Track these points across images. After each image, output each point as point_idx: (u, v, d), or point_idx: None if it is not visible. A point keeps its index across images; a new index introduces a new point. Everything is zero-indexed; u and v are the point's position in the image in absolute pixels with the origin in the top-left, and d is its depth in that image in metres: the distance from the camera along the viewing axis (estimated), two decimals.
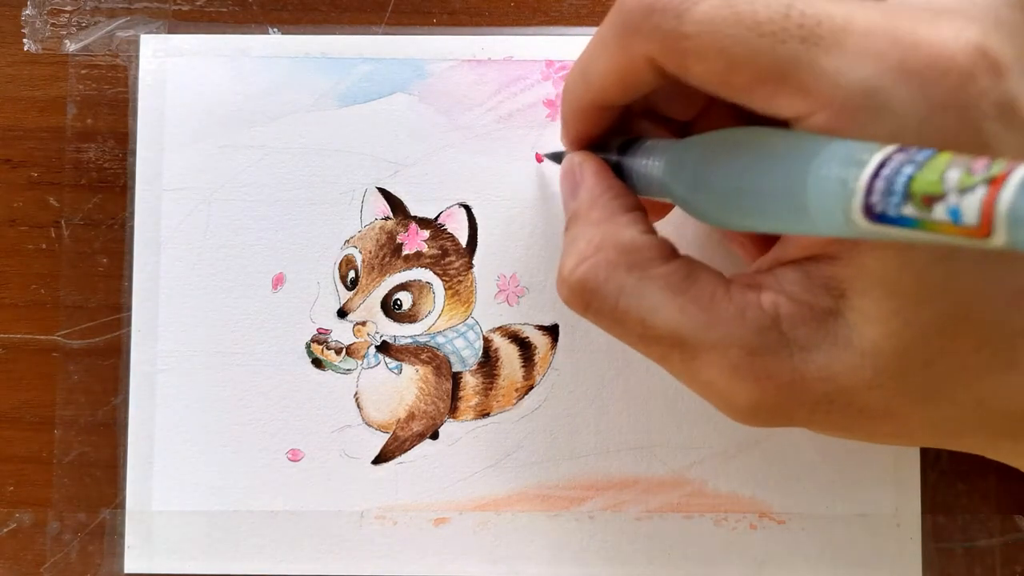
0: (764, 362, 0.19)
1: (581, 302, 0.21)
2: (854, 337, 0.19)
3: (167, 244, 0.29)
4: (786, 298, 0.19)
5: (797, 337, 0.19)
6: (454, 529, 0.29)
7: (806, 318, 0.19)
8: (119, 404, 0.29)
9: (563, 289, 0.21)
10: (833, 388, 0.19)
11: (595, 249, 0.21)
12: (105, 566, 0.29)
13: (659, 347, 0.20)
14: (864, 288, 0.18)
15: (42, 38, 0.30)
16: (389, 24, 0.30)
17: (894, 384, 0.19)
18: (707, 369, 0.20)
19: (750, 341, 0.19)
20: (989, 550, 0.29)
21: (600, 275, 0.21)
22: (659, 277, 0.20)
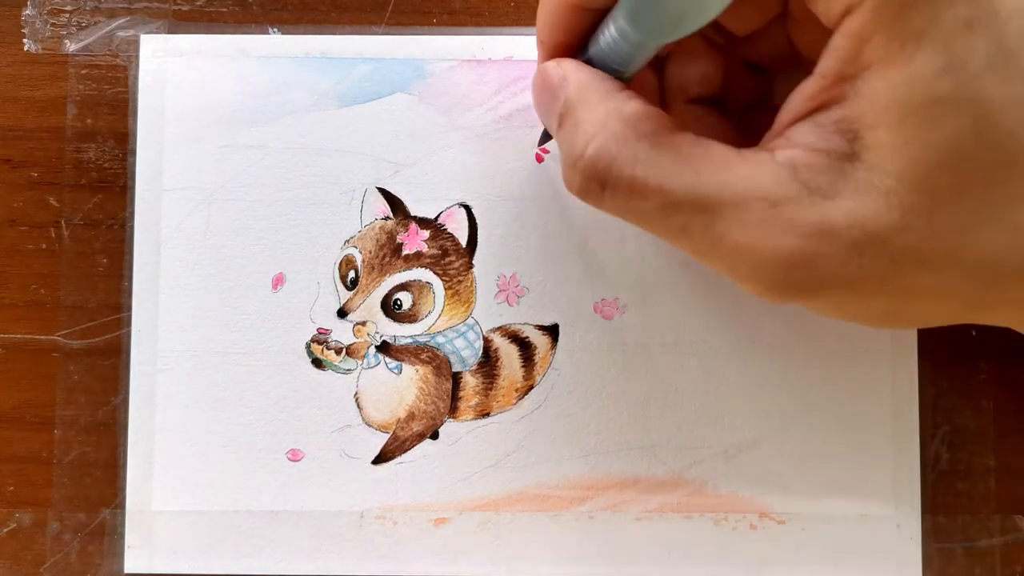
0: (790, 212, 0.18)
1: (597, 182, 0.20)
2: (875, 178, 0.18)
3: (167, 244, 0.29)
4: (801, 150, 0.19)
5: (818, 185, 0.18)
6: (454, 529, 0.29)
7: (824, 166, 0.18)
8: (119, 404, 0.29)
9: (575, 177, 0.21)
10: (862, 235, 0.18)
11: (601, 125, 0.20)
12: (105, 566, 0.29)
13: (679, 215, 0.20)
14: (876, 119, 0.18)
15: (42, 38, 0.30)
16: (389, 24, 0.30)
17: (924, 223, 0.18)
18: (731, 230, 0.19)
19: (771, 192, 0.19)
20: (989, 550, 0.29)
21: (612, 148, 0.20)
22: (671, 144, 0.20)
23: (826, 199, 0.18)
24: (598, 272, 0.29)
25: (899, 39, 0.17)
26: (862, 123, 0.18)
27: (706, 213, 0.19)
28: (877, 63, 0.17)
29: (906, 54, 0.17)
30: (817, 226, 0.18)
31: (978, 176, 0.18)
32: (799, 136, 0.19)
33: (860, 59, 0.18)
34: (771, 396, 0.29)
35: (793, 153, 0.19)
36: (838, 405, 0.29)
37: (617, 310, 0.29)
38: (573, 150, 0.21)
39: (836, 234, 0.18)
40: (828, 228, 0.18)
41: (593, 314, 0.29)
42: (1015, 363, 0.29)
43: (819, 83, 0.19)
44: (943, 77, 0.17)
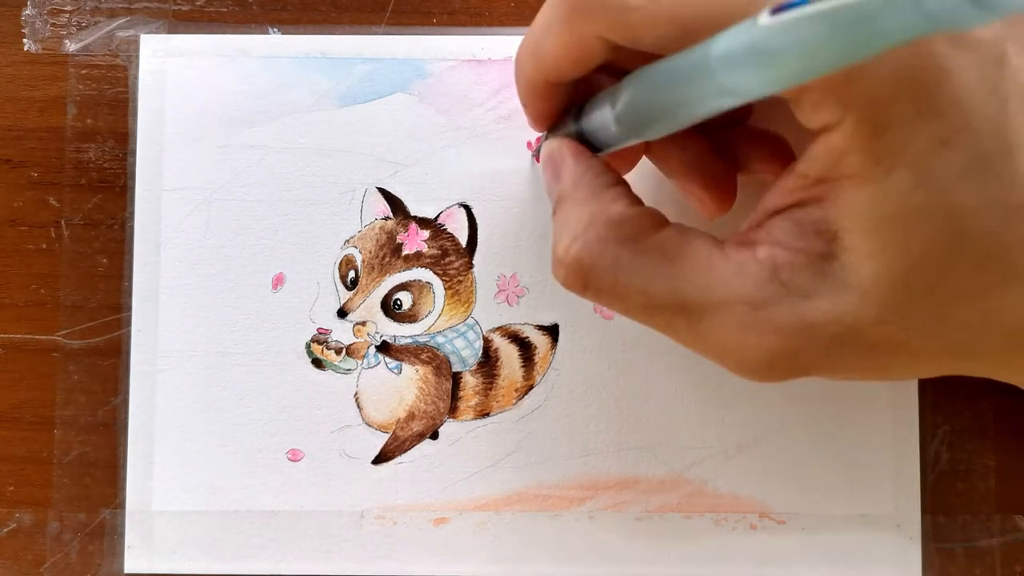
0: (769, 314, 0.19)
1: (579, 281, 0.21)
2: (852, 277, 0.19)
3: (167, 244, 0.29)
4: (781, 248, 0.19)
5: (798, 285, 0.19)
6: (454, 529, 0.29)
7: (803, 265, 0.19)
8: (119, 404, 0.29)
9: (559, 270, 0.21)
10: (841, 330, 0.19)
11: (585, 227, 0.21)
12: (105, 566, 0.29)
13: (663, 315, 0.20)
14: (853, 225, 0.18)
15: (42, 38, 0.30)
16: (389, 24, 0.30)
17: (899, 317, 0.19)
18: (714, 331, 0.20)
19: (752, 295, 0.19)
20: (989, 550, 0.29)
21: (594, 251, 0.21)
22: (653, 247, 0.20)
23: (805, 298, 0.19)
24: None
25: (874, 157, 0.18)
26: (839, 226, 0.19)
27: (689, 314, 0.20)
28: (854, 176, 0.18)
29: (881, 171, 0.18)
30: (797, 325, 0.19)
31: (953, 272, 0.19)
32: (779, 232, 0.20)
33: (838, 169, 0.18)
34: (771, 396, 0.29)
35: (774, 252, 0.19)
36: (838, 405, 0.29)
37: None
38: (559, 245, 0.21)
39: (815, 332, 0.19)
40: (807, 327, 0.19)
41: (593, 314, 0.29)
42: None
43: (799, 181, 0.19)
44: (916, 191, 0.18)
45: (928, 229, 0.18)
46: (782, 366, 0.20)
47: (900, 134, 0.18)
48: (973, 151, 0.18)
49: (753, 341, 0.19)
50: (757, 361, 0.20)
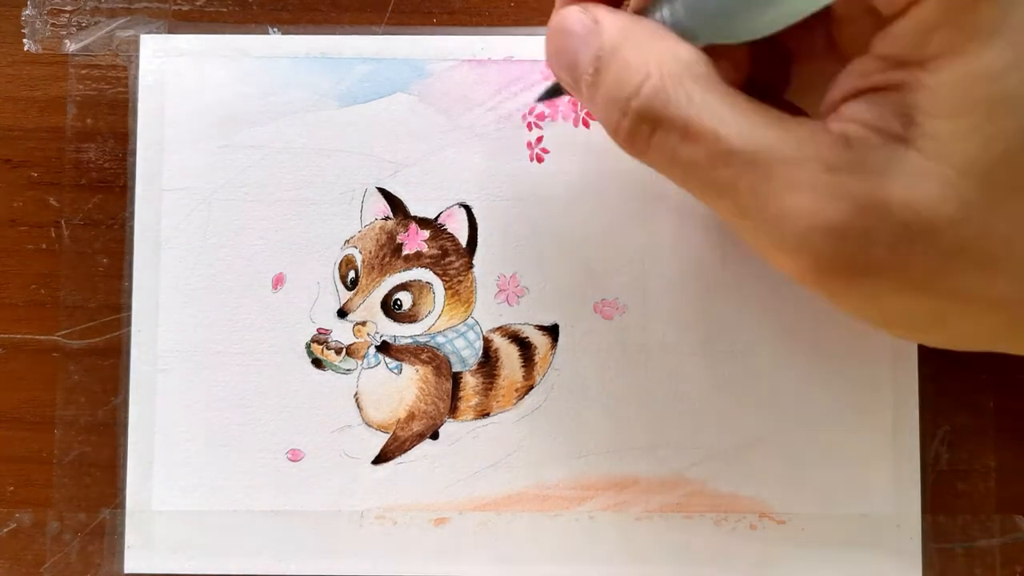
0: (843, 180, 0.18)
1: (649, 123, 0.19)
2: (932, 166, 0.17)
3: (167, 244, 0.29)
4: (856, 125, 0.18)
5: (873, 161, 0.18)
6: (454, 529, 0.29)
7: (879, 144, 0.18)
8: (119, 404, 0.29)
9: (625, 117, 0.20)
10: (915, 219, 0.17)
11: (656, 64, 0.19)
12: (105, 566, 0.29)
13: (729, 167, 0.18)
14: (938, 109, 0.17)
15: (42, 38, 0.30)
16: (389, 24, 0.30)
17: (979, 218, 0.17)
18: (782, 190, 0.18)
19: (828, 157, 0.18)
20: (989, 550, 0.29)
21: (668, 87, 0.19)
22: (727, 93, 0.19)
23: (881, 175, 0.17)
24: (598, 272, 0.29)
25: (968, 32, 0.17)
26: (922, 111, 0.17)
27: (758, 168, 0.18)
28: (944, 54, 0.17)
29: (974, 47, 0.16)
30: (871, 199, 0.17)
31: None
32: (852, 112, 0.18)
33: (926, 48, 0.17)
34: (771, 396, 0.29)
35: (847, 127, 0.18)
36: (838, 405, 0.29)
37: (617, 310, 0.29)
38: (623, 90, 0.19)
39: (890, 212, 0.17)
40: (882, 204, 0.17)
41: (593, 314, 0.29)
42: (1015, 363, 0.29)
43: (877, 64, 0.18)
44: (1012, 73, 0.16)
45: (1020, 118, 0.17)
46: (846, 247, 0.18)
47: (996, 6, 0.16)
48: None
49: (822, 206, 0.18)
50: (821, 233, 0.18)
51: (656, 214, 0.29)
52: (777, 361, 0.29)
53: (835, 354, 0.29)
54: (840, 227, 0.18)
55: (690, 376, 0.29)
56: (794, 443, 0.29)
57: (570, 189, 0.29)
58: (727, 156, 0.18)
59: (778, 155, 0.18)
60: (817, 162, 0.18)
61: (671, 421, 0.29)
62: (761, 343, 0.29)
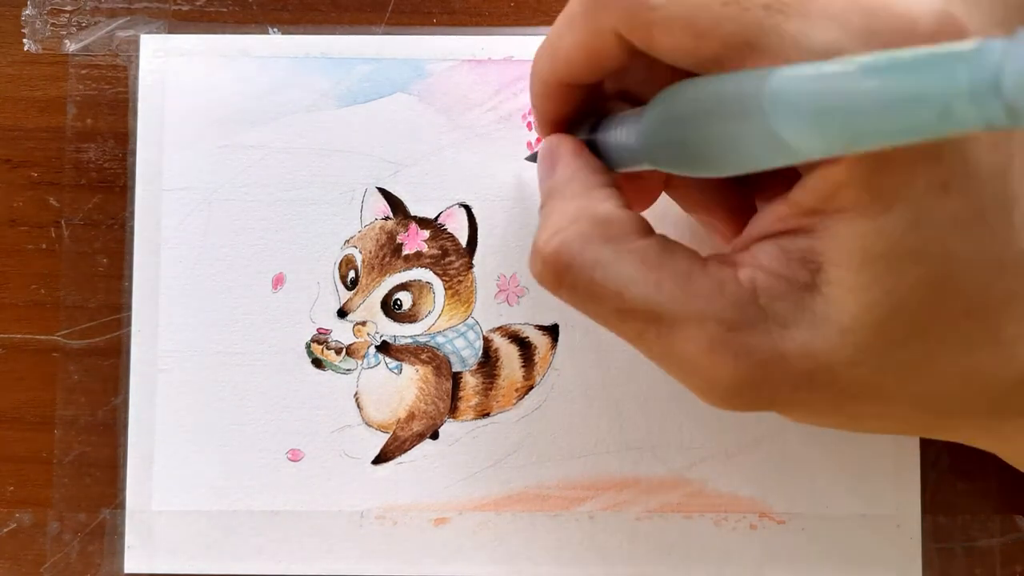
0: (743, 337, 0.19)
1: (554, 276, 0.20)
2: (832, 312, 0.18)
3: (167, 244, 0.29)
4: (763, 272, 0.19)
5: (776, 312, 0.19)
6: (454, 529, 0.29)
7: (784, 292, 0.19)
8: (119, 404, 0.29)
9: (536, 263, 0.21)
10: (814, 366, 0.18)
11: (570, 221, 0.20)
12: (105, 566, 0.29)
13: (634, 323, 0.20)
14: (840, 259, 0.18)
15: (42, 38, 0.30)
16: (389, 24, 0.30)
17: (876, 360, 0.18)
18: (684, 345, 0.19)
19: (729, 315, 0.19)
20: (989, 550, 0.29)
21: (575, 246, 0.20)
22: (635, 251, 0.20)
23: (781, 327, 0.19)
24: None
25: (871, 193, 0.17)
26: (826, 258, 0.18)
27: (661, 325, 0.19)
28: (849, 209, 0.18)
29: (877, 208, 0.17)
30: (770, 353, 0.19)
31: (937, 322, 0.18)
32: (764, 256, 0.19)
33: (832, 201, 0.18)
34: None
35: (755, 275, 0.19)
36: None
37: None
38: (540, 237, 0.21)
39: (787, 363, 0.19)
40: (780, 357, 0.19)
41: None
42: None
43: (791, 209, 0.19)
44: (910, 232, 0.17)
45: (917, 273, 0.18)
46: (747, 394, 0.19)
47: (901, 173, 0.17)
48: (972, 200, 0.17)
49: (721, 363, 0.19)
50: (722, 385, 0.19)
51: (655, 214, 0.29)
52: None
53: None
54: (739, 380, 0.19)
55: None
56: (794, 443, 0.29)
57: None
58: (632, 314, 0.20)
59: (681, 315, 0.19)
60: (718, 321, 0.19)
61: (671, 421, 0.29)
62: None
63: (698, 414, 0.29)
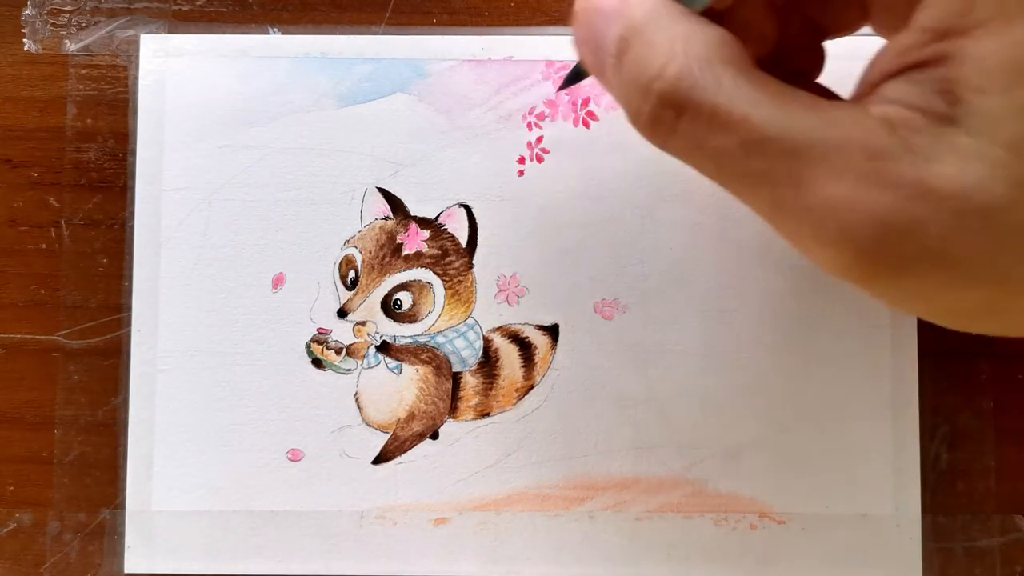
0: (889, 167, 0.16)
1: (674, 108, 0.18)
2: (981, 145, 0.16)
3: (167, 244, 0.29)
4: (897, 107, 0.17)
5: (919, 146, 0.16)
6: (454, 529, 0.29)
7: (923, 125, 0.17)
8: (119, 404, 0.29)
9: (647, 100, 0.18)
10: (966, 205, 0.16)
11: (683, 44, 0.18)
12: (105, 566, 0.29)
13: (763, 157, 0.17)
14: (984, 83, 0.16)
15: (42, 38, 0.30)
16: (389, 24, 0.30)
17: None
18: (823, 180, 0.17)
19: (872, 143, 0.17)
20: (989, 550, 0.29)
21: (695, 69, 0.18)
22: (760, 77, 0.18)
23: (927, 160, 0.16)
24: (598, 272, 0.29)
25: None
26: (967, 86, 0.16)
27: (795, 157, 0.17)
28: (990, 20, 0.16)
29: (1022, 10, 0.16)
30: (918, 186, 0.16)
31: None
32: (893, 92, 0.17)
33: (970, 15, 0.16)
34: (771, 396, 0.29)
35: (888, 109, 0.17)
36: (838, 405, 0.29)
37: (617, 310, 0.29)
38: (646, 72, 0.18)
39: (939, 200, 0.16)
40: (930, 190, 0.16)
41: (593, 314, 0.29)
42: (1015, 363, 0.29)
43: (917, 38, 0.17)
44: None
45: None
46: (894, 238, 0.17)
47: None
48: None
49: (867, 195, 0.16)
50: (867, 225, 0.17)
51: (656, 214, 0.29)
52: (777, 361, 0.29)
53: (835, 354, 0.29)
54: (886, 218, 0.16)
55: (690, 376, 0.29)
56: (794, 443, 0.29)
57: (570, 189, 0.29)
58: (761, 144, 0.17)
59: (817, 142, 0.17)
60: (859, 149, 0.17)
61: (671, 421, 0.29)
62: (761, 343, 0.29)
63: (698, 414, 0.29)
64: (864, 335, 0.29)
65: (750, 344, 0.29)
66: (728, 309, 0.29)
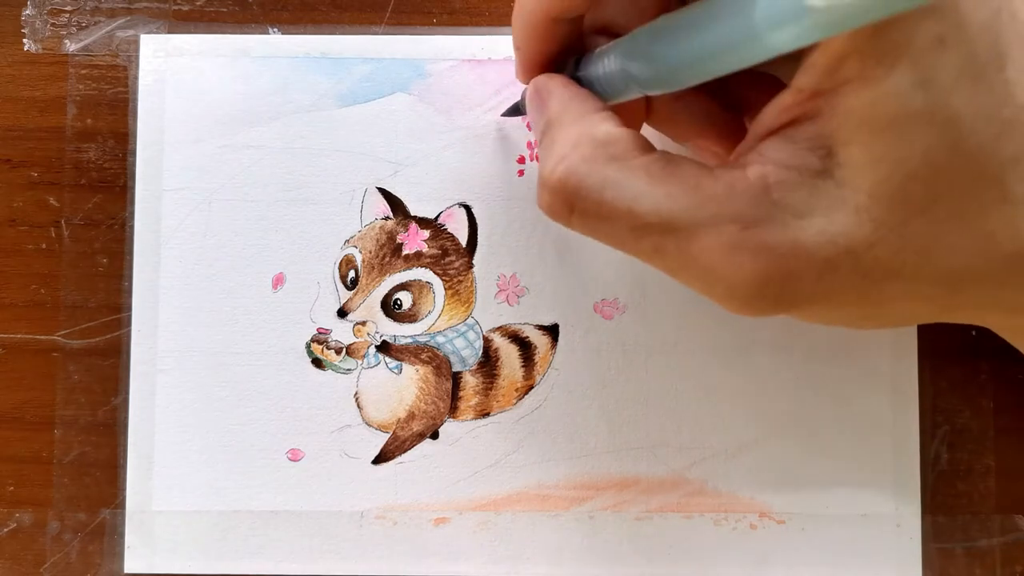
0: (761, 233, 0.19)
1: (565, 204, 0.20)
2: (847, 194, 0.18)
3: (167, 244, 0.29)
4: (773, 166, 0.19)
5: (790, 204, 0.19)
6: (454, 529, 0.29)
7: (796, 183, 0.19)
8: (119, 404, 0.29)
9: (544, 194, 0.21)
10: (835, 252, 0.18)
11: (572, 146, 0.20)
12: (105, 566, 0.29)
13: (650, 237, 0.20)
14: (849, 136, 0.18)
15: (42, 38, 0.30)
16: (389, 24, 0.30)
17: (896, 236, 0.18)
18: (704, 252, 0.19)
19: (744, 214, 0.19)
20: (989, 550, 0.29)
21: (581, 169, 0.20)
22: (641, 166, 0.20)
23: (798, 218, 0.19)
24: (598, 272, 0.29)
25: (875, 56, 0.17)
26: (835, 139, 0.18)
27: (678, 235, 0.19)
28: (853, 80, 0.18)
29: (881, 71, 0.17)
30: (790, 246, 0.19)
31: (949, 188, 0.18)
32: (772, 152, 0.19)
33: (836, 75, 0.18)
34: (771, 396, 0.29)
35: (766, 170, 0.19)
36: (838, 405, 0.29)
37: (617, 310, 0.29)
38: (544, 169, 0.21)
39: (809, 253, 0.18)
40: (800, 248, 0.19)
41: (593, 314, 0.29)
42: (1015, 363, 0.29)
43: (795, 97, 0.19)
44: (916, 92, 0.17)
45: (926, 137, 0.18)
46: (773, 292, 0.19)
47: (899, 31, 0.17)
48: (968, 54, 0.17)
49: (743, 262, 0.19)
50: (747, 285, 0.19)
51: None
52: (777, 361, 0.29)
53: (835, 354, 0.29)
54: (761, 278, 0.19)
55: (690, 376, 0.29)
56: (794, 443, 0.29)
57: None
58: (646, 228, 0.20)
59: (696, 221, 0.19)
60: (734, 222, 0.19)
61: (671, 421, 0.29)
62: (760, 343, 0.29)
63: (698, 414, 0.29)
64: (864, 335, 0.29)
65: (750, 344, 0.29)
66: None
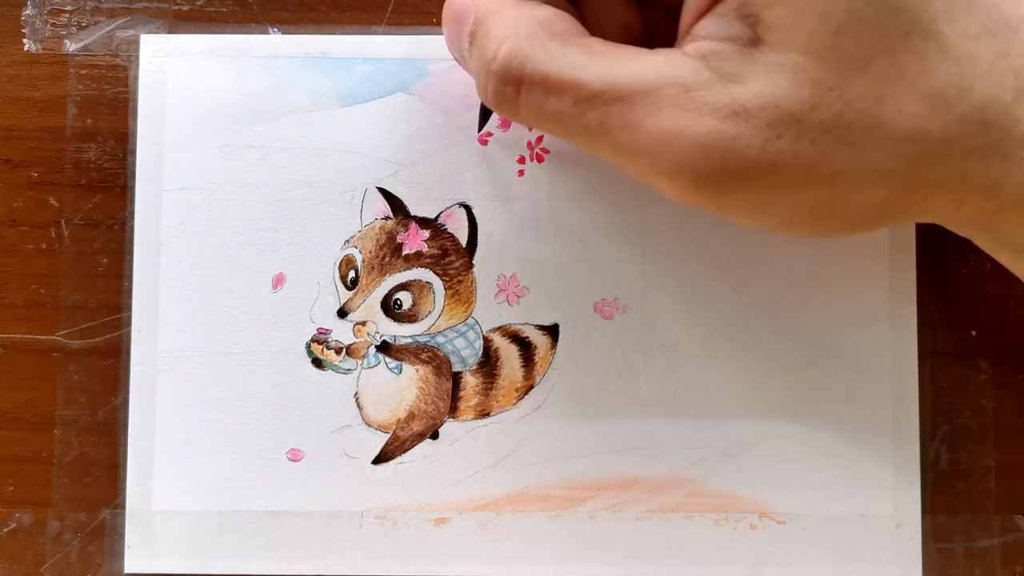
0: (703, 96, 0.19)
1: (512, 83, 0.20)
2: (780, 56, 0.18)
3: (167, 244, 0.29)
4: (707, 41, 0.19)
5: (728, 71, 0.19)
6: (454, 529, 0.29)
7: (731, 52, 0.19)
8: (119, 404, 0.29)
9: (489, 81, 0.21)
10: (777, 114, 0.18)
11: (513, 28, 0.20)
12: (105, 566, 0.29)
13: (596, 109, 0.20)
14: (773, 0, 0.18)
15: (42, 38, 0.30)
16: (389, 24, 0.30)
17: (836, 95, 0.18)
18: (648, 117, 0.19)
19: (685, 78, 0.19)
20: (989, 550, 0.29)
21: (525, 47, 0.20)
22: (583, 44, 0.20)
23: (737, 83, 0.19)
24: (598, 272, 0.29)
25: None
26: (760, 4, 0.18)
27: (623, 103, 0.19)
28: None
29: None
30: (731, 108, 0.19)
31: (881, 43, 0.18)
32: (703, 30, 0.19)
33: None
34: (771, 396, 0.29)
35: (700, 44, 0.19)
36: (838, 405, 0.29)
37: (617, 310, 0.29)
38: (485, 56, 0.21)
39: (751, 115, 0.18)
40: (742, 109, 0.18)
41: (593, 314, 0.29)
42: (1015, 363, 0.29)
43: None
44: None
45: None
46: (718, 158, 0.19)
47: None
48: None
49: (688, 124, 0.19)
50: (692, 150, 0.19)
51: (656, 214, 0.29)
52: (777, 361, 0.29)
53: (834, 354, 0.29)
54: (707, 140, 0.19)
55: (690, 376, 0.29)
56: (794, 443, 0.29)
57: (570, 189, 0.29)
58: (592, 99, 0.20)
59: (638, 86, 0.19)
60: (675, 85, 0.19)
61: (671, 421, 0.29)
62: (761, 343, 0.29)
63: (698, 414, 0.29)
64: (864, 335, 0.29)
65: (750, 344, 0.29)
66: (728, 309, 0.29)
